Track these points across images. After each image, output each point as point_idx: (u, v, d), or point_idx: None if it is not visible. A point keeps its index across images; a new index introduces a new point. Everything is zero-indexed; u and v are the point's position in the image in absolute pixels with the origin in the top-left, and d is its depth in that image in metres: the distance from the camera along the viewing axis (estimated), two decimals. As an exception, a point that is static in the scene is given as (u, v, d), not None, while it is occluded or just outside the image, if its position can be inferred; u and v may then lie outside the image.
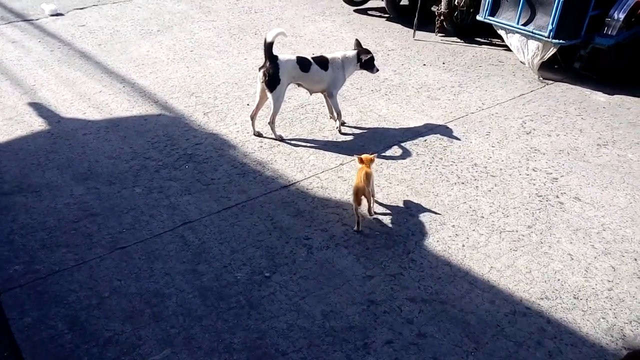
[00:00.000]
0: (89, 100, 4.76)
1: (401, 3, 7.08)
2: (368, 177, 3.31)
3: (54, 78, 5.11)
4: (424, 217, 3.48)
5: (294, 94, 5.02)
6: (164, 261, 3.09)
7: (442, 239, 3.29)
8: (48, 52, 5.63)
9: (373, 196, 3.48)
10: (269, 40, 4.09)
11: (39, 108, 4.60)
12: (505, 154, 4.20)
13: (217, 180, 3.81)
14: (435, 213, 3.52)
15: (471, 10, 6.39)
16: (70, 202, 3.52)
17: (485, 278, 3.00)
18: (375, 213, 3.51)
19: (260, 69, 4.17)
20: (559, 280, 3.00)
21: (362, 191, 3.30)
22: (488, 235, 3.33)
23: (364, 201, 3.38)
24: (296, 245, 3.23)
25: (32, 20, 6.47)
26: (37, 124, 4.37)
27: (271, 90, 4.15)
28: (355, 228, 3.36)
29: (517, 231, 3.37)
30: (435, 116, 4.73)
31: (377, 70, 4.42)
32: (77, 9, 6.87)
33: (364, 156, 3.46)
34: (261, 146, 4.23)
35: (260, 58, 5.71)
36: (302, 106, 4.83)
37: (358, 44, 4.40)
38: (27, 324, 2.67)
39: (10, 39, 5.91)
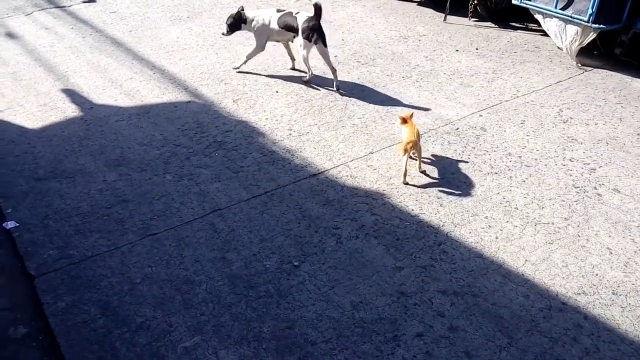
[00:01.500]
0: (121, 87, 4.80)
1: (433, -13, 6.91)
2: (419, 133, 3.66)
3: (86, 64, 5.17)
4: (455, 208, 3.41)
5: (322, 82, 4.97)
6: (193, 248, 3.11)
7: (474, 230, 3.22)
8: (80, 39, 5.70)
9: (421, 159, 3.74)
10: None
11: (72, 94, 4.67)
12: (540, 144, 4.07)
13: (247, 168, 3.80)
14: (468, 203, 3.44)
15: (506, -7, 6.18)
16: (103, 188, 3.57)
17: (519, 271, 2.92)
18: (424, 172, 3.74)
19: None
20: (597, 275, 2.91)
21: (414, 145, 3.60)
22: (522, 227, 3.24)
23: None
24: (325, 235, 3.21)
25: (64, 7, 6.55)
26: (71, 111, 4.44)
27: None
28: (402, 180, 3.63)
29: (553, 223, 3.27)
30: (468, 104, 4.61)
31: None
32: (108, -5, 6.93)
33: (405, 115, 3.77)
34: (290, 134, 4.20)
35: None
36: (331, 93, 4.78)
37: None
38: (61, 308, 2.72)
39: (44, 26, 6.00)
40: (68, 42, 5.60)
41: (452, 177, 3.69)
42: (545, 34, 5.66)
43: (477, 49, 5.69)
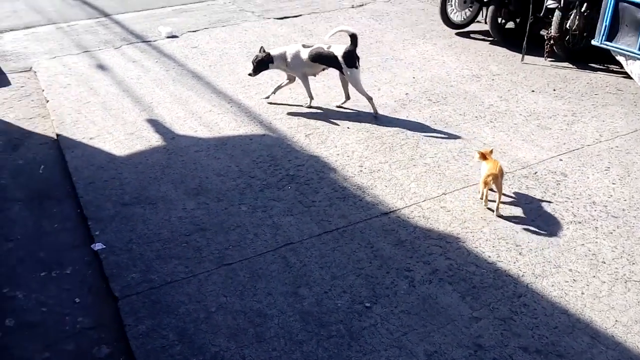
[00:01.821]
0: (200, 119, 5.03)
1: (506, 26, 6.84)
2: (502, 170, 3.63)
3: (169, 96, 5.46)
4: (536, 258, 3.27)
5: (392, 120, 4.99)
6: (266, 281, 3.15)
7: (557, 283, 3.07)
8: (164, 72, 6.04)
9: (501, 195, 3.65)
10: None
11: (156, 124, 4.93)
12: (628, 193, 3.87)
13: (318, 203, 3.84)
14: (549, 254, 3.30)
15: (584, 34, 6.02)
16: (182, 215, 3.71)
17: (609, 333, 2.74)
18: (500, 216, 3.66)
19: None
20: (695, 341, 2.69)
21: (495, 179, 3.57)
22: (611, 283, 3.06)
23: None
24: (397, 277, 3.17)
25: (150, 41, 6.99)
26: (155, 140, 4.68)
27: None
28: (484, 204, 3.71)
29: (644, 281, 3.08)
30: (547, 147, 4.47)
31: None
32: (190, 31, 7.32)
33: (484, 150, 3.76)
34: (361, 170, 4.23)
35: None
36: (402, 131, 4.78)
37: None
38: (142, 331, 2.82)
39: (131, 59, 6.41)
40: (153, 75, 5.95)
41: (531, 224, 3.56)
42: (629, 76, 5.45)
43: (554, 90, 5.54)
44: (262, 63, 5.05)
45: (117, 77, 5.89)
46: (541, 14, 6.23)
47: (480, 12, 7.10)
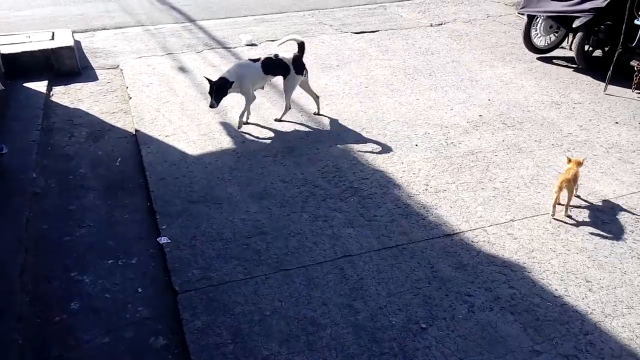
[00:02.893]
0: (271, 125, 5.15)
1: (593, 54, 6.54)
2: (576, 176, 3.80)
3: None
4: (607, 296, 3.07)
5: (464, 140, 4.88)
6: (322, 290, 3.15)
7: (628, 324, 2.87)
8: (240, 78, 6.23)
9: (570, 199, 3.79)
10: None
11: (228, 128, 5.10)
12: None
13: (380, 218, 3.81)
14: (622, 293, 3.09)
15: (680, 66, 5.64)
16: (245, 217, 3.79)
17: (685, 385, 2.53)
18: (570, 217, 3.79)
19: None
20: None
21: (567, 183, 3.71)
22: (691, 332, 2.83)
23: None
24: (456, 300, 3.07)
25: (230, 48, 7.26)
26: (225, 142, 4.83)
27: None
28: (552, 213, 3.80)
29: None
30: (628, 182, 4.21)
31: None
32: (269, 40, 7.54)
33: (575, 158, 3.92)
34: (426, 189, 4.15)
35: (433, 99, 5.70)
36: (472, 152, 4.66)
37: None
38: (197, 327, 2.89)
39: (211, 63, 6.68)
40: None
41: (604, 261, 3.36)
42: None
43: (640, 123, 5.23)
44: (221, 88, 4.76)
45: (196, 80, 6.15)
46: (633, 44, 5.91)
47: (566, 38, 6.83)
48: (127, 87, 6.00)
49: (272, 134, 4.98)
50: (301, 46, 5.07)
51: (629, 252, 3.44)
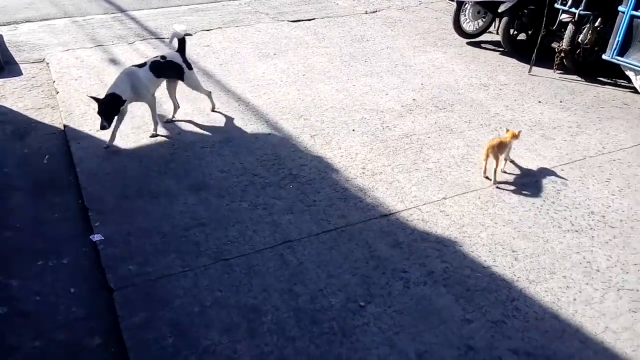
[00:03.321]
0: (207, 116, 5.09)
1: (518, 38, 6.85)
2: (502, 143, 4.09)
3: (178, 92, 5.50)
4: (531, 264, 3.28)
5: (399, 123, 5.01)
6: (262, 277, 3.18)
7: (550, 289, 3.08)
8: (174, 69, 6.10)
9: (498, 165, 4.08)
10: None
11: (163, 119, 4.99)
12: (627, 204, 3.86)
13: (319, 203, 3.87)
14: (545, 260, 3.31)
15: (596, 48, 6.01)
16: (183, 210, 3.75)
17: (598, 338, 2.75)
18: (498, 184, 4.10)
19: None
20: (687, 353, 2.68)
21: (492, 150, 4.01)
22: (604, 291, 3.06)
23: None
24: (393, 277, 3.18)
25: (163, 38, 7.07)
26: (161, 134, 4.74)
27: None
28: (483, 174, 4.18)
29: (637, 290, 3.07)
30: (549, 157, 4.47)
31: None
32: (204, 30, 7.41)
33: (512, 130, 4.23)
34: (363, 172, 4.25)
35: (369, 85, 5.80)
36: (406, 135, 4.80)
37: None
38: (135, 323, 2.85)
39: (144, 55, 6.48)
40: (163, 71, 6.02)
41: (528, 231, 3.57)
42: (636, 91, 5.43)
43: (561, 101, 5.54)
44: (113, 106, 4.27)
45: (127, 73, 5.96)
46: (554, 27, 6.25)
47: (493, 23, 7.11)
48: (54, 81, 5.74)
49: (209, 125, 4.93)
50: (182, 42, 4.90)
51: (550, 222, 3.67)
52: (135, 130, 4.79)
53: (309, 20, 7.97)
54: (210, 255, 3.35)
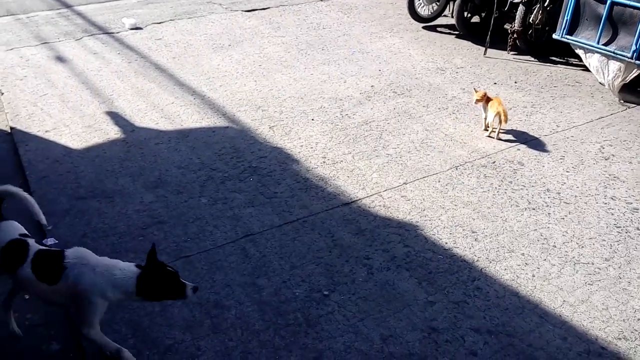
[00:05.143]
0: (162, 111, 4.95)
1: (472, 20, 6.93)
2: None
3: (130, 89, 5.36)
4: (490, 243, 3.33)
5: (358, 111, 5.00)
6: (225, 272, 3.13)
7: (510, 267, 3.14)
8: (126, 64, 5.93)
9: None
10: None
11: (116, 117, 4.83)
12: (580, 180, 3.97)
13: (280, 194, 3.83)
14: (503, 239, 3.37)
15: (547, 28, 6.14)
16: (140, 209, 3.65)
17: (557, 312, 2.82)
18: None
19: None
20: (638, 320, 2.78)
21: (505, 114, 4.39)
22: (561, 266, 3.14)
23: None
24: (356, 265, 3.18)
25: (113, 33, 6.84)
26: (113, 133, 4.59)
27: None
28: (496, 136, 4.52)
29: (593, 264, 3.16)
30: (505, 137, 4.55)
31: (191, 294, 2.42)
32: (155, 23, 7.20)
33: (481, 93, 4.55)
34: (324, 162, 4.23)
35: (326, 73, 5.76)
36: (366, 122, 4.80)
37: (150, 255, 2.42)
38: (95, 325, 2.76)
39: (92, 51, 6.27)
40: (114, 67, 5.83)
41: (487, 212, 3.63)
42: (587, 69, 5.58)
43: (515, 82, 5.64)
44: None
45: (76, 69, 5.75)
46: (505, 9, 6.34)
47: (447, 7, 7.17)
48: (-2, 82, 5.48)
49: (164, 120, 4.80)
50: None
51: (508, 201, 3.74)
52: (86, 129, 4.62)
53: (264, 9, 7.86)
54: (170, 253, 3.27)
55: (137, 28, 6.98)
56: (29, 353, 2.66)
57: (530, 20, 6.10)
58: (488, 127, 4.58)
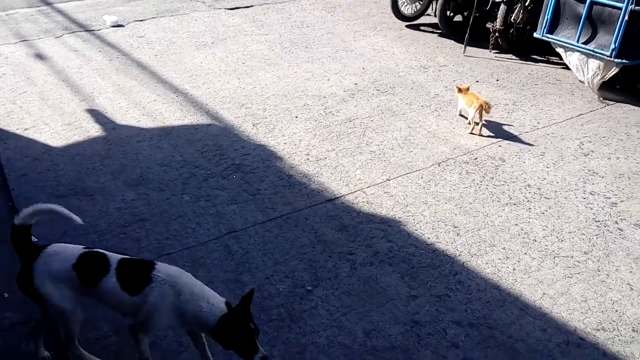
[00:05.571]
0: (144, 109, 4.91)
1: (454, 19, 6.98)
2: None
3: (112, 86, 5.30)
4: (472, 238, 3.36)
5: (342, 108, 5.01)
6: (207, 269, 3.11)
7: (491, 261, 3.17)
8: (107, 61, 5.86)
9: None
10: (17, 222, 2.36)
11: (96, 115, 4.78)
12: (560, 176, 4.03)
13: (263, 191, 3.82)
14: (485, 234, 3.40)
15: (527, 27, 6.22)
16: (121, 207, 3.61)
17: (537, 305, 2.85)
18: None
19: None
20: (616, 311, 2.82)
21: (486, 106, 4.47)
22: (541, 259, 3.19)
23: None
24: (339, 260, 3.19)
25: (94, 30, 6.76)
26: (94, 130, 4.54)
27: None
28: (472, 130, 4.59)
29: (572, 257, 3.21)
30: (487, 134, 4.60)
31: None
32: (137, 20, 7.13)
33: (463, 86, 4.76)
34: (307, 159, 4.23)
35: (310, 71, 5.77)
36: (349, 120, 4.81)
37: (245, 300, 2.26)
38: (75, 323, 2.72)
39: (73, 48, 6.20)
40: (95, 65, 5.77)
41: (469, 207, 3.66)
42: (567, 67, 5.65)
43: (497, 80, 5.70)
44: None
45: (56, 67, 5.67)
46: (487, 8, 6.40)
47: (430, 6, 7.22)
48: (-24, 80, 5.39)
49: (145, 118, 4.76)
50: None
51: (490, 197, 3.78)
52: (66, 127, 4.56)
53: (247, 7, 7.83)
54: (151, 250, 3.24)
55: (118, 25, 6.91)
56: (8, 353, 2.62)
57: (512, 19, 6.17)
58: (473, 120, 4.61)
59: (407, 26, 7.27)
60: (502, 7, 6.12)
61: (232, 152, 4.29)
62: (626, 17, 4.74)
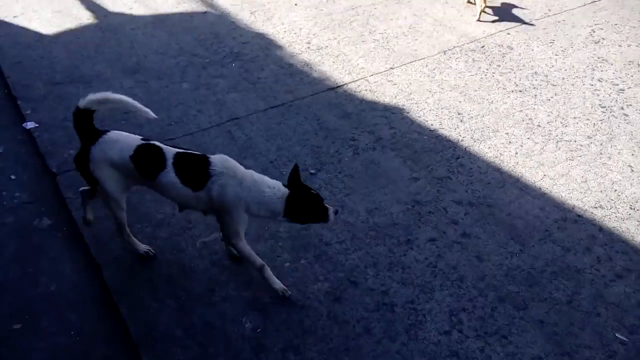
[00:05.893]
0: (136, -4, 4.67)
1: None
2: None
3: None
4: (476, 124, 3.34)
5: (345, -5, 4.77)
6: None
7: (494, 145, 3.17)
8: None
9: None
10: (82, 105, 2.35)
11: (86, 2, 4.56)
12: (569, 63, 3.92)
13: (264, 80, 3.74)
14: (489, 120, 3.37)
15: None
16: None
17: (537, 185, 2.90)
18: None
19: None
20: (615, 190, 2.87)
21: None
22: (543, 143, 3.19)
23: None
24: (342, 146, 3.19)
25: None
26: (85, 18, 4.35)
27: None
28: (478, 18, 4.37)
29: (575, 141, 3.21)
30: (496, 22, 4.41)
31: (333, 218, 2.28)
32: None
33: None
34: (308, 47, 4.09)
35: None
36: (352, 8, 4.60)
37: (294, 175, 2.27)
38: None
39: None
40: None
41: (474, 94, 3.60)
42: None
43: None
44: None
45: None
46: None
47: None
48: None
49: (138, 5, 4.54)
50: None
51: (495, 84, 3.71)
52: (57, 14, 4.37)
53: None
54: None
55: None
56: (21, 229, 2.69)
57: None
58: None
59: None
60: None
61: (230, 40, 4.15)
62: None
